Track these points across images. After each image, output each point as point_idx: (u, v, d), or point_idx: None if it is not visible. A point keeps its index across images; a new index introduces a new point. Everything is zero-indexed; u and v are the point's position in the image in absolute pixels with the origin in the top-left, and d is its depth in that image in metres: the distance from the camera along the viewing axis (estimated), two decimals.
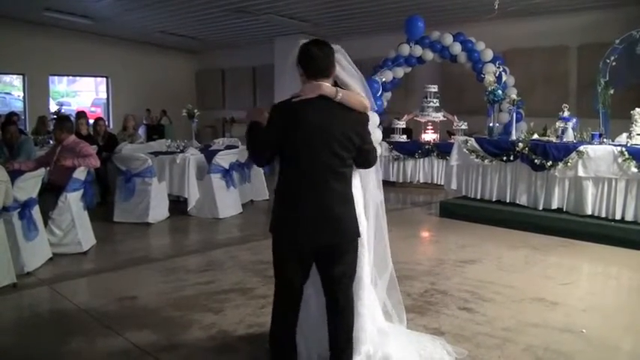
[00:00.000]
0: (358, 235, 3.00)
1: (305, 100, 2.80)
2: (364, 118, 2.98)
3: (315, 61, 2.87)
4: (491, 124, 8.40)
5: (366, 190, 3.30)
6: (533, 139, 7.34)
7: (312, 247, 2.86)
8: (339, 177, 2.87)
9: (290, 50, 3.03)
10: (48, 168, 6.00)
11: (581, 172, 6.74)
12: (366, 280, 3.25)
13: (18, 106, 15.95)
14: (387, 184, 10.19)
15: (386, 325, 3.42)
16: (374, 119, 4.42)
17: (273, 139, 2.83)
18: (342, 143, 2.83)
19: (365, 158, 3.01)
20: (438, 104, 10.89)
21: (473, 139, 7.95)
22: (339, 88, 2.90)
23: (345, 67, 3.08)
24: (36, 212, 5.30)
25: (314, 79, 2.86)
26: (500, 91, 8.29)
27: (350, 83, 3.07)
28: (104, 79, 17.39)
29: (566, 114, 7.35)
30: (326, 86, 2.85)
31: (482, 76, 9.51)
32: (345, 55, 3.10)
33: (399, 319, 3.60)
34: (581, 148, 6.74)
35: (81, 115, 10.20)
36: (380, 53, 11.21)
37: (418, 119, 11.00)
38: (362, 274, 3.18)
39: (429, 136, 10.83)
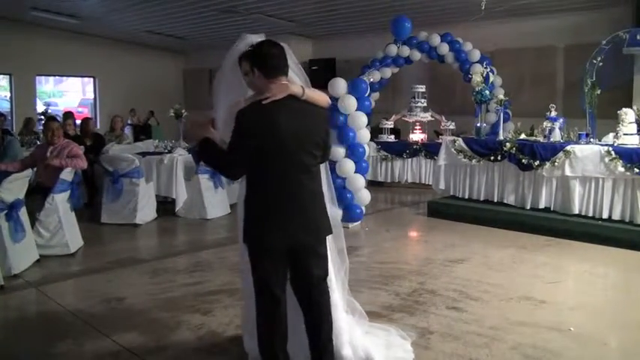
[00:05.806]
0: (330, 232, 2.99)
1: (275, 101, 2.75)
2: (328, 114, 3.05)
3: (273, 60, 2.82)
4: (478, 124, 8.44)
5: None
6: (521, 139, 7.38)
7: (286, 247, 2.81)
8: (312, 175, 2.88)
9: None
10: (34, 169, 5.95)
11: (568, 172, 6.79)
12: (333, 279, 3.21)
13: (5, 106, 15.78)
14: (375, 184, 10.27)
15: (348, 319, 3.38)
16: (362, 119, 4.44)
17: (250, 145, 2.71)
18: (314, 141, 2.85)
19: (327, 153, 3.03)
20: (425, 104, 10.92)
21: (461, 139, 7.98)
22: (303, 86, 2.88)
23: (291, 65, 3.01)
24: (23, 214, 5.26)
25: (274, 79, 2.80)
26: (487, 92, 8.32)
27: (296, 81, 3.00)
28: (91, 79, 17.25)
29: (553, 114, 7.39)
30: (293, 85, 2.83)
31: (470, 76, 9.55)
32: (290, 52, 2.98)
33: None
34: (568, 147, 6.78)
35: (68, 115, 10.14)
36: (368, 53, 11.23)
37: (406, 119, 11.03)
38: (330, 275, 3.12)
39: (417, 136, 10.85)
